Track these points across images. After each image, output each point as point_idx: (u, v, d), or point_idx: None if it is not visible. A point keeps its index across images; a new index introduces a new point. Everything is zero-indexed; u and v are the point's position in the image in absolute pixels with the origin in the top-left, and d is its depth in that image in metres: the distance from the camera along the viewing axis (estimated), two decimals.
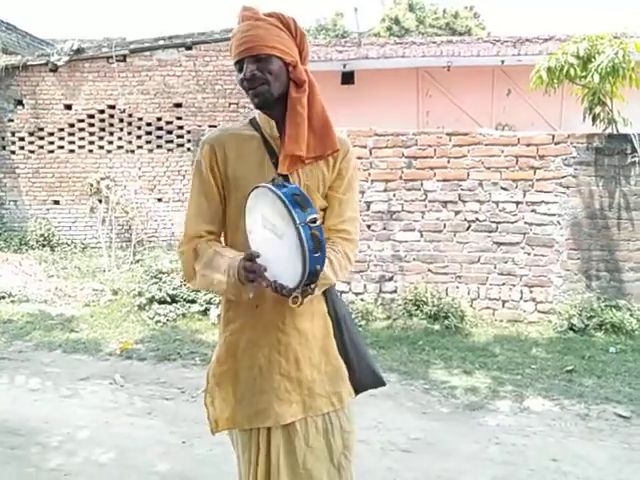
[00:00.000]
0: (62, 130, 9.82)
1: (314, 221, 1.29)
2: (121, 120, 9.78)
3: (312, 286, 1.37)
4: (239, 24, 1.53)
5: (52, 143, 9.84)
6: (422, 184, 5.55)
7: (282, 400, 1.55)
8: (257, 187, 1.39)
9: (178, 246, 1.64)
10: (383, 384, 1.75)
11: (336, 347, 1.64)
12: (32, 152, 9.86)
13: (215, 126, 9.06)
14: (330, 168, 1.59)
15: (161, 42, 9.66)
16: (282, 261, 1.36)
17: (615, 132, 5.48)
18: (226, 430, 1.64)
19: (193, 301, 5.75)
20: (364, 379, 1.68)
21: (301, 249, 1.27)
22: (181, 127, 9.73)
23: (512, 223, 5.47)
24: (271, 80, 1.50)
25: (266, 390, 1.56)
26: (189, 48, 9.70)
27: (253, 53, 1.49)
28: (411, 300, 5.41)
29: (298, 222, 1.27)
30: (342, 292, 5.48)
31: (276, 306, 1.54)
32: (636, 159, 5.26)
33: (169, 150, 9.78)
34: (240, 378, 1.59)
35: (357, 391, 1.68)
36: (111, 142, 9.81)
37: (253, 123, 1.63)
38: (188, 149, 9.28)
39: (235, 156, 1.57)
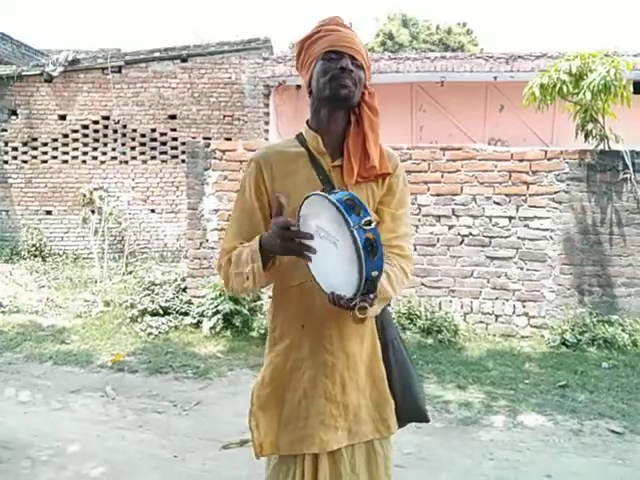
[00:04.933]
0: (56, 140, 9.82)
1: (369, 223, 1.24)
2: (115, 131, 9.81)
3: (371, 296, 1.29)
4: (330, 25, 1.54)
5: (45, 153, 9.84)
6: (416, 198, 5.57)
7: (328, 426, 1.50)
8: (309, 196, 1.35)
9: (217, 265, 1.61)
10: (426, 420, 1.69)
11: (384, 370, 1.59)
12: (25, 162, 9.84)
13: (209, 138, 9.09)
14: (379, 184, 1.58)
15: (156, 54, 9.73)
16: (338, 269, 1.30)
17: (607, 149, 5.53)
18: (270, 455, 1.58)
19: (186, 313, 5.72)
20: (405, 411, 1.62)
21: (356, 253, 1.22)
22: (175, 139, 9.77)
23: (505, 238, 5.50)
24: (358, 85, 1.52)
25: (312, 414, 1.51)
26: (184, 60, 9.76)
27: (354, 54, 1.51)
28: (404, 314, 5.40)
29: (352, 225, 1.22)
30: None
31: (324, 326, 1.50)
32: (628, 175, 5.31)
33: (163, 161, 9.80)
34: (285, 401, 1.54)
35: (398, 421, 1.61)
36: (105, 153, 9.83)
37: (300, 138, 1.61)
38: (182, 161, 9.27)
39: (282, 173, 1.55)
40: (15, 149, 9.83)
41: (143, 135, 9.78)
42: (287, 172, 1.55)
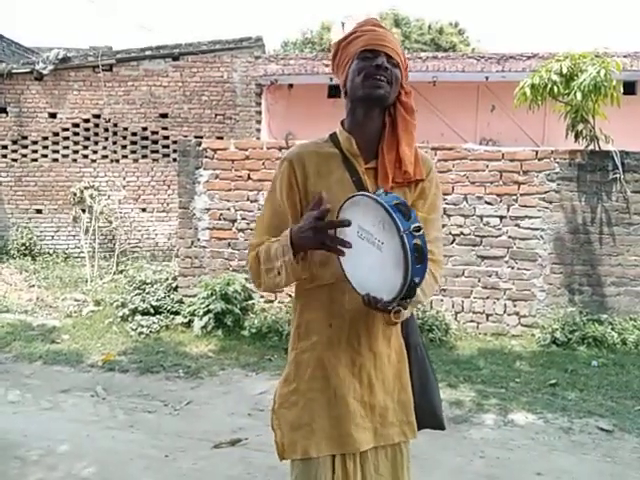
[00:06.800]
0: (46, 139, 9.75)
1: (418, 229, 1.23)
2: (106, 129, 9.75)
3: (408, 300, 1.28)
4: (366, 26, 1.54)
5: (36, 152, 9.77)
6: None
7: (357, 426, 1.48)
8: (353, 196, 1.33)
9: (247, 261, 1.58)
10: (442, 428, 1.68)
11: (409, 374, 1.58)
12: (15, 160, 9.77)
13: (201, 137, 9.06)
14: (412, 188, 1.55)
15: (148, 52, 9.68)
16: (378, 272, 1.29)
17: (597, 149, 5.56)
18: (293, 457, 1.53)
19: (177, 312, 5.70)
20: (421, 417, 1.60)
21: (404, 259, 1.20)
22: (167, 137, 9.72)
23: (496, 237, 5.52)
24: (393, 84, 1.50)
25: (342, 415, 1.48)
26: (176, 59, 9.72)
27: (390, 53, 1.49)
28: None
29: (402, 230, 1.21)
30: None
31: (352, 325, 1.48)
32: (617, 175, 5.35)
33: (154, 160, 9.76)
34: (309, 400, 1.51)
35: None
36: (96, 151, 9.77)
37: (333, 139, 1.59)
38: (174, 159, 9.24)
39: (315, 173, 1.53)
40: (5, 147, 9.75)
41: (134, 134, 9.74)
42: (320, 173, 1.53)
